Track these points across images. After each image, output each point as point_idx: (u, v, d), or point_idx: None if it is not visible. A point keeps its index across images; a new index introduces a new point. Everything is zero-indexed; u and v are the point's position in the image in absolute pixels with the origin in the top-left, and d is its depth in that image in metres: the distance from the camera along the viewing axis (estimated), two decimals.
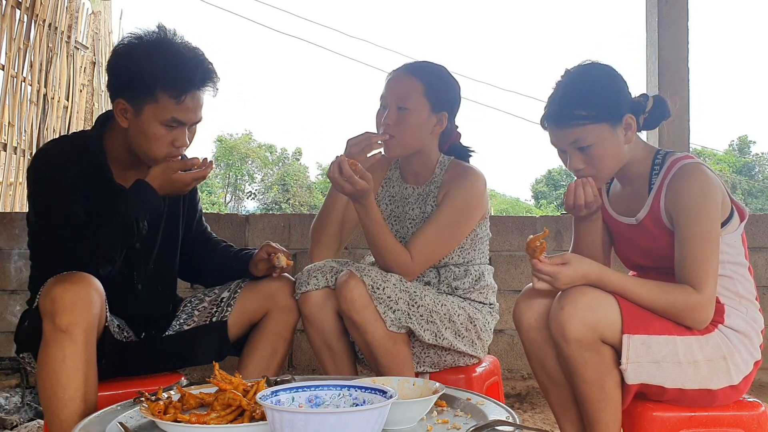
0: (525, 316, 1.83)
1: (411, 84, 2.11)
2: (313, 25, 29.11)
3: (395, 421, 1.43)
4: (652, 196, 1.82)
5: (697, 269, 1.70)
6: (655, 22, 3.60)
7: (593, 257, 1.84)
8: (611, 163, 1.82)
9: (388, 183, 2.29)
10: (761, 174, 33.79)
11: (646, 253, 1.87)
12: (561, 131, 1.81)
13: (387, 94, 2.13)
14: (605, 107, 1.78)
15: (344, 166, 1.92)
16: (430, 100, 2.11)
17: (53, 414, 1.70)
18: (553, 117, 1.82)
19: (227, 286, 2.13)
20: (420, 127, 2.12)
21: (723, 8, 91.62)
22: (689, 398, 1.72)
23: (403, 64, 2.20)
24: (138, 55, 1.86)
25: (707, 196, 1.73)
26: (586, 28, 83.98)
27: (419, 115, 2.10)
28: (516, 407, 3.21)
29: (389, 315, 1.94)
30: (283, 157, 33.69)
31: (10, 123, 5.97)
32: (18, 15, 6.00)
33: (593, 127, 1.77)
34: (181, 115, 1.86)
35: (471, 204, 2.12)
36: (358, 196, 1.97)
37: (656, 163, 1.85)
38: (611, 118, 1.78)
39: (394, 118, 2.09)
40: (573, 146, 1.81)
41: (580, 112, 1.77)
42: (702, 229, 1.71)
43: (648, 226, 1.83)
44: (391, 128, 2.09)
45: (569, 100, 1.80)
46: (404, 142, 2.11)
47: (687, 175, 1.75)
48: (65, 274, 1.75)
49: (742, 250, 1.84)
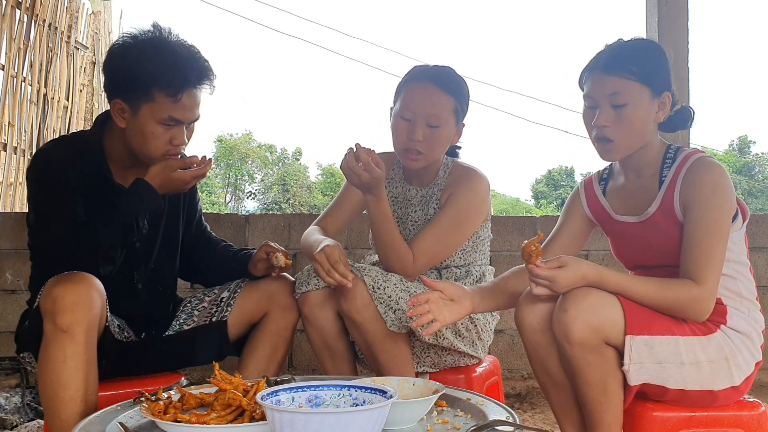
0: (527, 318, 1.82)
1: (442, 99, 2.07)
2: (313, 25, 29.11)
3: (395, 421, 1.43)
4: (664, 189, 1.81)
5: (701, 261, 1.70)
6: (655, 22, 3.60)
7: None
8: (635, 132, 1.80)
9: (390, 183, 2.28)
10: (761, 174, 33.79)
11: (653, 250, 1.86)
12: (606, 78, 1.79)
13: (414, 108, 2.05)
14: (654, 73, 1.79)
15: (362, 153, 1.92)
16: (457, 114, 2.11)
17: (53, 414, 1.70)
18: (603, 63, 1.81)
19: (227, 286, 2.13)
20: (446, 143, 2.12)
21: (723, 8, 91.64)
22: (690, 399, 1.72)
23: (423, 70, 2.13)
24: (133, 55, 1.86)
25: (722, 190, 1.73)
26: (586, 28, 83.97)
27: (449, 132, 2.10)
28: (516, 407, 3.21)
29: (390, 315, 1.94)
30: (283, 157, 33.68)
31: (10, 123, 5.97)
32: (18, 15, 6.00)
33: (637, 86, 1.77)
34: (178, 114, 1.86)
35: (474, 207, 2.12)
36: (373, 185, 1.96)
37: (668, 156, 1.84)
38: (654, 87, 1.79)
39: (422, 135, 2.05)
40: (610, 99, 1.78)
41: (631, 67, 1.77)
42: (712, 221, 1.71)
43: (658, 220, 1.82)
44: (421, 145, 2.06)
45: (624, 53, 1.81)
46: (430, 158, 2.10)
47: (704, 167, 1.76)
48: (66, 274, 1.75)
49: (745, 250, 1.84)
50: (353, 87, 76.68)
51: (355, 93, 74.81)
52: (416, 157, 2.07)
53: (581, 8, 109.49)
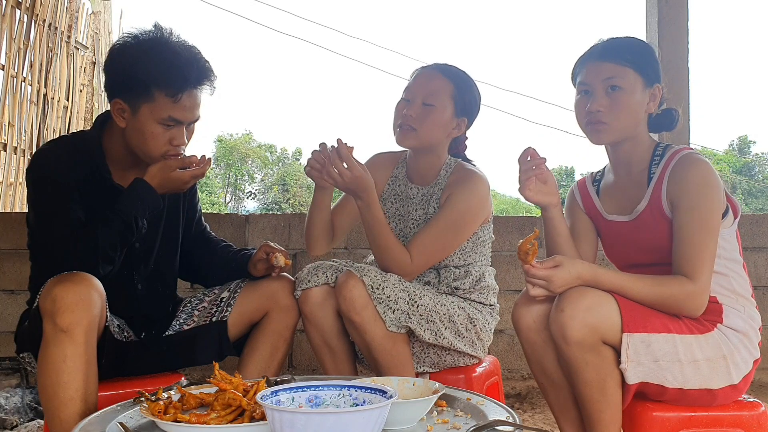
0: (524, 319, 1.83)
1: (441, 82, 2.13)
2: (313, 25, 29.09)
3: (395, 421, 1.43)
4: (652, 186, 1.82)
5: (693, 256, 1.71)
6: (655, 22, 3.60)
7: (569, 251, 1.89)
8: (628, 119, 1.83)
9: (394, 181, 2.28)
10: (761, 174, 33.78)
11: (645, 248, 1.87)
12: (601, 64, 1.84)
13: (414, 88, 2.14)
14: (647, 64, 1.85)
15: (343, 149, 1.92)
16: (456, 103, 2.13)
17: (53, 414, 1.70)
18: (599, 51, 1.87)
19: (227, 286, 2.13)
20: (440, 126, 2.13)
21: (723, 8, 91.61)
22: (689, 398, 1.72)
23: (434, 63, 2.21)
24: (134, 55, 1.86)
25: (710, 185, 1.74)
26: (586, 28, 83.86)
27: (443, 114, 2.12)
28: (516, 407, 3.21)
29: (389, 315, 1.94)
30: (283, 157, 33.69)
31: (10, 123, 5.97)
32: (18, 15, 6.00)
33: (632, 73, 1.82)
34: (177, 114, 1.86)
35: (473, 208, 2.12)
36: (359, 188, 1.96)
37: (656, 153, 1.86)
38: (647, 77, 1.84)
39: (417, 111, 2.10)
40: (605, 83, 1.82)
41: (626, 55, 1.83)
42: (701, 216, 1.72)
43: (647, 219, 1.83)
44: (413, 120, 2.10)
45: (619, 42, 1.89)
46: (421, 136, 2.11)
47: (690, 163, 1.77)
48: (66, 274, 1.75)
49: (737, 246, 1.84)
50: (353, 87, 76.67)
51: (355, 93, 74.82)
52: (407, 133, 2.10)
53: (581, 8, 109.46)
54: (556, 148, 26.22)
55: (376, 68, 30.24)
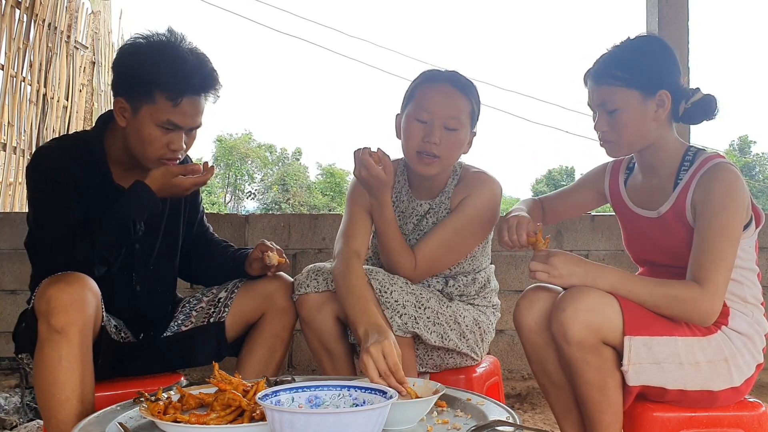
0: (525, 319, 1.82)
1: (461, 102, 2.00)
2: (313, 25, 29.09)
3: (395, 422, 1.43)
4: (678, 191, 1.80)
5: (707, 263, 1.67)
6: (655, 22, 3.60)
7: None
8: (633, 135, 1.81)
9: (397, 197, 2.18)
10: (761, 174, 33.82)
11: (661, 248, 1.86)
12: (595, 88, 1.85)
13: (432, 109, 1.96)
14: (642, 74, 1.79)
15: (381, 154, 1.91)
16: (473, 120, 2.05)
17: (50, 414, 1.70)
18: (593, 72, 1.86)
19: (225, 286, 2.12)
20: (461, 148, 2.03)
21: (723, 8, 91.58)
22: (690, 399, 1.72)
23: (441, 73, 2.06)
24: (141, 55, 1.86)
25: (734, 195, 1.72)
26: (586, 28, 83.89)
27: (465, 136, 2.02)
28: (516, 407, 3.21)
29: (396, 320, 1.92)
30: (283, 157, 33.72)
31: (9, 123, 5.97)
32: (18, 15, 6.00)
33: (623, 91, 1.79)
34: (177, 119, 1.85)
35: (485, 214, 2.06)
36: (379, 187, 1.94)
37: (687, 159, 1.83)
38: (644, 88, 1.79)
39: (439, 137, 1.96)
40: (601, 107, 1.83)
41: (615, 73, 1.80)
42: (722, 225, 1.70)
43: (669, 220, 1.81)
44: (438, 148, 1.96)
45: (610, 60, 1.84)
46: (446, 163, 2.02)
47: (718, 173, 1.74)
48: (60, 275, 1.74)
49: (754, 256, 1.83)
50: (353, 87, 76.65)
51: (355, 93, 74.82)
52: (432, 161, 1.97)
53: (582, 8, 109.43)
54: (556, 148, 26.29)
55: (376, 68, 30.25)
